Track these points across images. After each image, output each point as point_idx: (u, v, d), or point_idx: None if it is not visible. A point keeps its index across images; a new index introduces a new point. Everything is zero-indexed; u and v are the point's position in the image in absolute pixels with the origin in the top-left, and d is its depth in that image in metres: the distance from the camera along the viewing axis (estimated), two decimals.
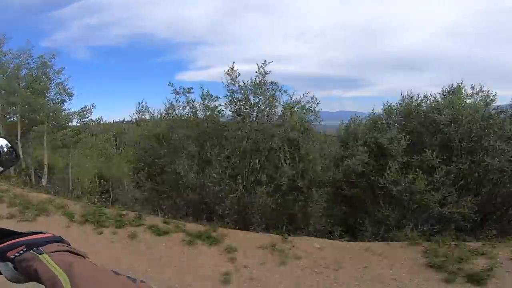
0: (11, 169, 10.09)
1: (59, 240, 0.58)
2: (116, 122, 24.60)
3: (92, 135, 14.96)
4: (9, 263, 0.55)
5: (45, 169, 13.01)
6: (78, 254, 0.54)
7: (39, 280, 0.47)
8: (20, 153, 11.68)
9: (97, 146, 14.65)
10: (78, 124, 13.62)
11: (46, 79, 12.21)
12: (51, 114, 12.55)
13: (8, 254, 0.55)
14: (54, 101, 12.56)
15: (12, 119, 13.05)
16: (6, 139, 0.68)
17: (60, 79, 12.56)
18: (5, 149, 0.69)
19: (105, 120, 18.05)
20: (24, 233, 0.62)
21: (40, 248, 0.53)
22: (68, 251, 0.53)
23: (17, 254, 0.54)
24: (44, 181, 12.11)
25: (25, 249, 0.54)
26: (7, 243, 0.57)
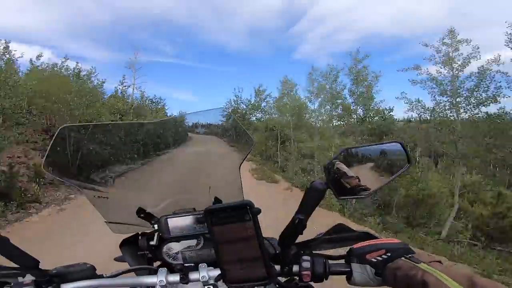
0: None
1: (410, 248, 0.52)
2: None
3: None
4: (368, 266, 0.53)
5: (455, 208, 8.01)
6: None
7: None
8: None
9: None
10: None
11: None
12: None
13: (368, 256, 0.53)
14: None
15: None
16: (400, 143, 0.65)
17: None
18: (397, 153, 0.66)
19: None
20: (356, 232, 0.63)
21: (413, 256, 0.48)
22: (439, 262, 0.47)
23: (379, 258, 0.51)
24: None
25: (388, 254, 0.51)
26: (365, 244, 0.56)
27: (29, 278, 0.61)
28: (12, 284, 0.60)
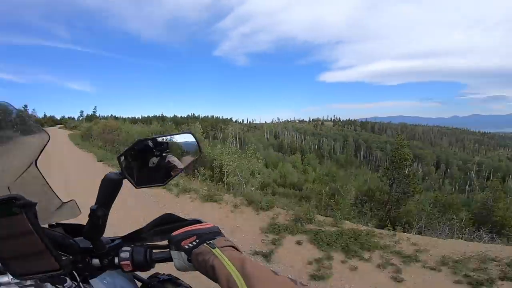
0: None
1: (220, 231, 0.59)
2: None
3: None
4: (183, 253, 0.56)
5: None
6: (237, 249, 0.53)
7: (213, 276, 0.47)
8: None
9: None
10: None
11: None
12: None
13: (183, 243, 0.56)
14: None
15: None
16: (191, 134, 0.72)
17: None
18: (189, 143, 0.72)
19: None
20: (187, 220, 0.66)
21: (212, 242, 0.53)
22: (232, 246, 0.53)
23: (190, 245, 0.55)
24: None
25: (197, 240, 0.55)
26: (181, 231, 0.59)
27: None
28: None
